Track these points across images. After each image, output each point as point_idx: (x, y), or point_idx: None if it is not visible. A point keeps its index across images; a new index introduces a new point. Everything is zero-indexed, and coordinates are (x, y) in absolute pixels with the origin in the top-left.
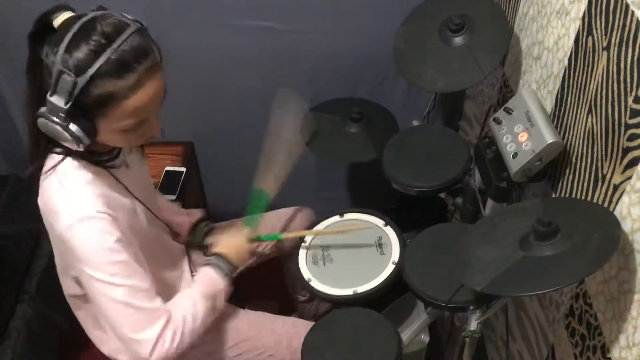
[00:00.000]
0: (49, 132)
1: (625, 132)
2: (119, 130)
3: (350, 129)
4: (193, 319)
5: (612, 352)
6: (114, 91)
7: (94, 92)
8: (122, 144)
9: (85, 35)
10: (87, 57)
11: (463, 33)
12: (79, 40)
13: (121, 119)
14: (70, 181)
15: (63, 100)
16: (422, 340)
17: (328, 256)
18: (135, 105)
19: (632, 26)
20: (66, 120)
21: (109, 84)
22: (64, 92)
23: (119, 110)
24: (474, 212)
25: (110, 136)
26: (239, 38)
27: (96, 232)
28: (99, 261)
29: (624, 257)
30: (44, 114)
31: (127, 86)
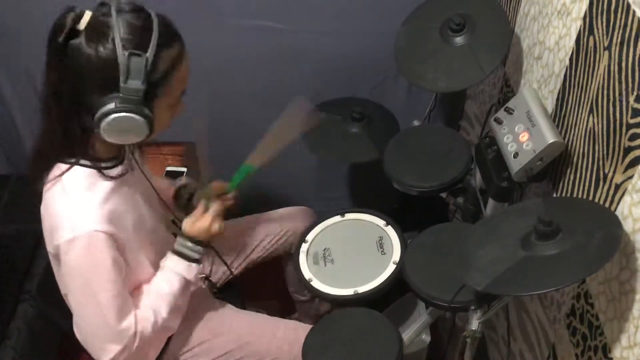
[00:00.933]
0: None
1: (627, 131)
2: (169, 106)
3: (351, 128)
4: (154, 327)
5: (613, 352)
6: (173, 59)
7: (161, 66)
8: (164, 125)
9: (127, 18)
10: (143, 34)
11: (464, 33)
12: (126, 24)
13: (177, 89)
14: (75, 192)
15: (139, 81)
16: (423, 340)
17: (329, 256)
18: (184, 73)
19: (634, 26)
20: (141, 104)
21: (167, 54)
22: (138, 73)
23: (176, 79)
24: (475, 212)
25: (161, 115)
26: (239, 38)
27: (91, 251)
28: (88, 277)
29: (626, 256)
30: (113, 110)
31: (177, 53)
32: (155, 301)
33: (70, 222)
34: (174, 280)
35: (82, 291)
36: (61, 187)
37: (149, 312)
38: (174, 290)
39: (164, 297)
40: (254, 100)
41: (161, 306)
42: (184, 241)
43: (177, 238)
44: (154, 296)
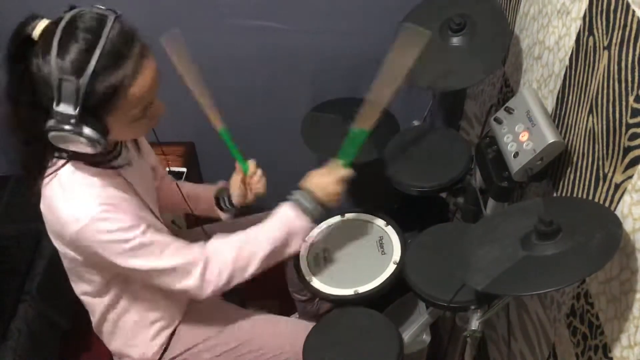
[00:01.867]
0: (62, 143)
1: (627, 131)
2: (130, 122)
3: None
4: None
5: (613, 352)
6: (117, 82)
7: (98, 89)
8: (134, 135)
9: (71, 36)
10: (81, 57)
11: (464, 33)
12: (67, 43)
13: (130, 108)
14: (72, 185)
15: (71, 106)
16: (424, 340)
17: (329, 256)
18: (139, 91)
19: (633, 25)
20: (79, 125)
21: (111, 76)
22: (69, 98)
23: (126, 100)
24: (475, 212)
25: (121, 130)
26: (239, 38)
27: (103, 229)
28: (120, 250)
29: (626, 256)
30: (54, 127)
31: (128, 74)
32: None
33: (73, 211)
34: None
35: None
36: (58, 182)
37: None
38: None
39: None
40: (253, 101)
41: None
42: (298, 192)
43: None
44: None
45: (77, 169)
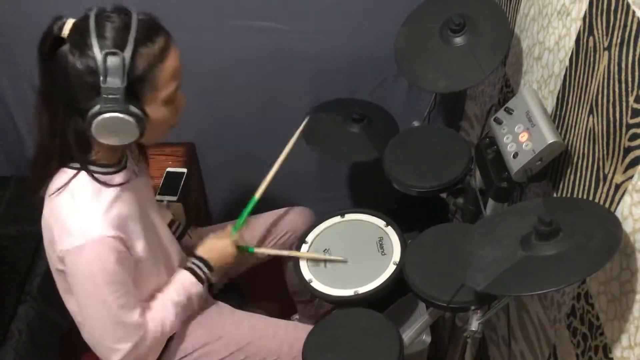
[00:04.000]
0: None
1: (627, 131)
2: (164, 102)
3: (351, 129)
4: (162, 329)
5: (614, 352)
6: (154, 56)
7: (140, 63)
8: (166, 121)
9: (105, 20)
10: (120, 33)
11: (464, 33)
12: (103, 27)
13: (166, 84)
14: (82, 199)
15: (118, 79)
16: (424, 340)
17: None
18: (172, 65)
19: (633, 26)
20: (125, 102)
21: (149, 50)
22: (116, 71)
23: (163, 75)
24: (475, 212)
25: (157, 112)
26: (239, 39)
27: (101, 255)
28: (96, 281)
29: (626, 257)
30: (99, 111)
31: (161, 48)
32: (164, 305)
33: (80, 228)
34: (180, 290)
35: (92, 294)
36: (69, 194)
37: (158, 314)
38: (180, 299)
39: (171, 302)
40: (253, 101)
41: (169, 311)
42: (198, 262)
43: (192, 258)
44: (163, 301)
45: (87, 183)
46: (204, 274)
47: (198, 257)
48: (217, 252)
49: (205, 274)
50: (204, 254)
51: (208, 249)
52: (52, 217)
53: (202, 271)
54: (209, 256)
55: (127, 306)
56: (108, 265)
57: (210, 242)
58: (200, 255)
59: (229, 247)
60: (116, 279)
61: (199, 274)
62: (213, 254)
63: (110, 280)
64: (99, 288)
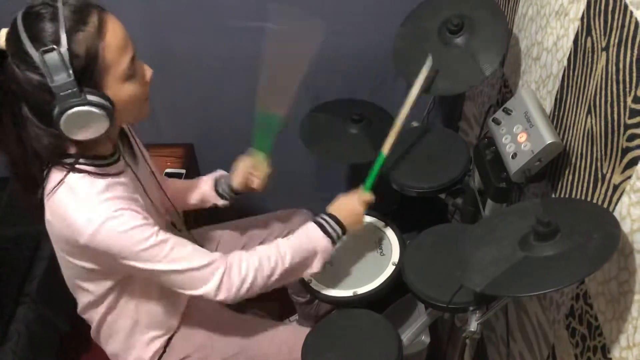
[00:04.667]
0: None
1: (625, 132)
2: (123, 78)
3: (350, 130)
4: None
5: (612, 353)
6: (91, 37)
7: (79, 49)
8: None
9: (33, 18)
10: (50, 26)
11: (462, 34)
12: (32, 26)
13: (117, 60)
14: (82, 190)
15: (64, 74)
16: (423, 341)
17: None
18: (115, 39)
19: (631, 26)
20: (82, 94)
21: (84, 33)
22: (59, 67)
23: (108, 53)
24: (473, 213)
25: (121, 92)
26: (238, 40)
27: (119, 227)
28: (135, 251)
29: (624, 257)
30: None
31: (96, 27)
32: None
33: (85, 216)
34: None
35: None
36: (67, 190)
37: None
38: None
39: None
40: (253, 102)
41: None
42: (329, 218)
43: (322, 215)
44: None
45: (82, 177)
46: (334, 231)
47: (328, 213)
48: (346, 210)
49: (335, 230)
50: (333, 211)
51: (337, 206)
52: (55, 216)
53: (332, 227)
54: (339, 213)
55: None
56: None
57: (339, 200)
58: (330, 212)
59: (357, 205)
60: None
61: (327, 229)
62: (342, 212)
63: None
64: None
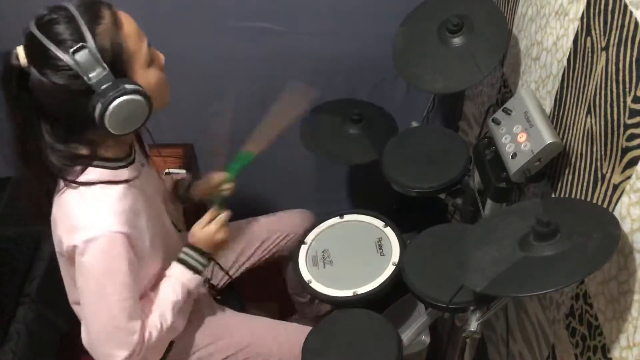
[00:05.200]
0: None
1: (625, 132)
2: (146, 64)
3: (350, 130)
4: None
5: (612, 352)
6: (111, 29)
7: (105, 42)
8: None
9: (49, 25)
10: (70, 28)
11: (462, 34)
12: (51, 32)
13: (137, 46)
14: (92, 195)
15: (100, 68)
16: (423, 341)
17: (328, 257)
18: (130, 27)
19: (631, 26)
20: (120, 85)
21: (103, 26)
22: (92, 63)
23: (129, 40)
24: (473, 213)
25: (147, 78)
26: (238, 40)
27: (109, 252)
28: (102, 280)
29: (624, 257)
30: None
31: (112, 18)
32: (161, 307)
33: (89, 222)
34: (177, 288)
35: (95, 293)
36: (77, 191)
37: (155, 319)
38: (178, 298)
39: (168, 304)
40: (253, 102)
41: (166, 312)
42: (188, 250)
43: (183, 248)
44: (160, 302)
45: (95, 176)
46: (198, 262)
47: (188, 245)
48: (204, 237)
49: (198, 261)
50: (194, 236)
51: (196, 230)
52: (59, 213)
53: (195, 259)
54: (198, 242)
55: (129, 312)
56: (115, 263)
57: (196, 225)
58: (190, 243)
59: (212, 226)
60: (121, 279)
61: (192, 264)
62: (201, 235)
63: (115, 280)
64: (102, 287)
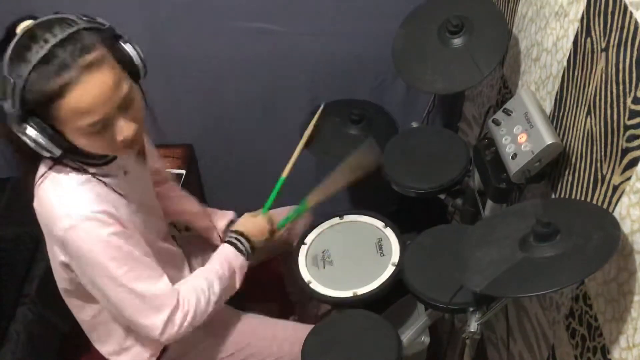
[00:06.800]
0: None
1: (624, 133)
2: (83, 134)
3: (350, 130)
4: (207, 300)
5: (612, 353)
6: (50, 89)
7: (33, 92)
8: (94, 149)
9: (27, 39)
10: (22, 58)
11: (462, 34)
12: (21, 45)
13: (73, 119)
14: (65, 184)
15: (11, 104)
16: (423, 341)
17: (328, 258)
18: (77, 103)
19: (631, 27)
20: (22, 125)
21: (43, 81)
22: (9, 96)
23: (63, 110)
24: (473, 213)
25: (79, 140)
26: (238, 40)
27: (94, 231)
28: (100, 259)
29: (624, 258)
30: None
31: (62, 83)
32: (204, 276)
33: (65, 209)
34: (224, 265)
35: (101, 275)
36: (51, 179)
37: (196, 283)
38: (225, 273)
39: (214, 275)
40: (253, 102)
41: (210, 281)
42: (239, 236)
43: (231, 233)
44: (203, 273)
45: (68, 170)
46: (245, 248)
47: (236, 231)
48: (253, 226)
49: (246, 247)
50: (241, 228)
51: (243, 223)
52: (40, 206)
53: (243, 245)
54: (246, 230)
55: (143, 278)
56: (102, 240)
57: (246, 218)
58: (238, 229)
59: (263, 221)
60: (117, 254)
61: (240, 247)
62: (249, 228)
63: (111, 255)
64: (103, 266)
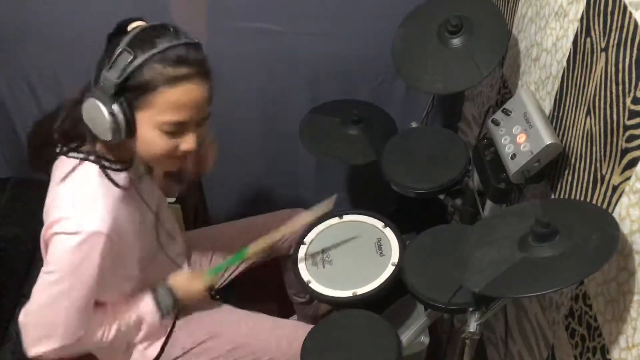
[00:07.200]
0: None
1: (624, 133)
2: (157, 127)
3: (350, 130)
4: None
5: (612, 353)
6: (162, 78)
7: (146, 73)
8: (154, 147)
9: (153, 28)
10: (151, 41)
11: (461, 34)
12: (147, 31)
13: (161, 110)
14: (85, 191)
15: (116, 74)
16: (422, 341)
17: (327, 258)
18: (175, 97)
19: (630, 27)
20: (112, 99)
21: (160, 67)
22: (119, 67)
23: (160, 99)
24: (473, 214)
25: (147, 132)
26: (237, 40)
27: (87, 250)
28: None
29: (623, 258)
30: (92, 94)
31: (173, 76)
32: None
33: (78, 218)
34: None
35: (58, 282)
36: (72, 183)
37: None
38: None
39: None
40: (252, 102)
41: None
42: (164, 290)
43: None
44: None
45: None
46: (166, 307)
47: (168, 287)
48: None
49: (167, 307)
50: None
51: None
52: (53, 203)
53: (165, 304)
54: (178, 288)
55: (80, 313)
56: (88, 263)
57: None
58: (171, 285)
59: (200, 285)
60: (87, 280)
61: (161, 306)
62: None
63: (82, 278)
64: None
